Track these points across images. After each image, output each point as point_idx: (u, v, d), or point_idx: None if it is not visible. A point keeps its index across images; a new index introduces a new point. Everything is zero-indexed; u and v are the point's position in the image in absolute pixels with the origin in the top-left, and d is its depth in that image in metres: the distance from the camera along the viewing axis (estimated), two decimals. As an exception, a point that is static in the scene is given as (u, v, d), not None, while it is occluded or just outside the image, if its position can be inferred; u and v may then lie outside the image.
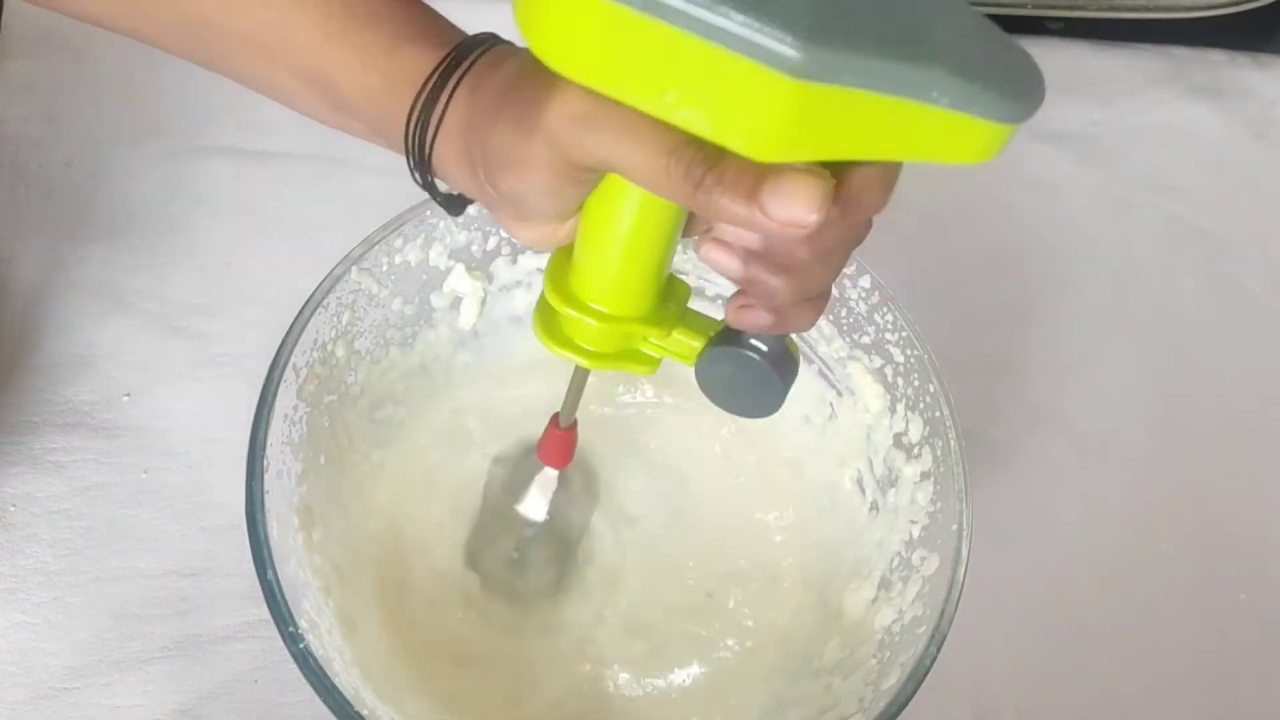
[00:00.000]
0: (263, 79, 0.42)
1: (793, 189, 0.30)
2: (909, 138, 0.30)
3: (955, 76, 0.29)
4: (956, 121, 0.29)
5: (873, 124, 0.29)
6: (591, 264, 0.39)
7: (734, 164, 0.31)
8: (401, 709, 0.50)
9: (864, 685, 0.50)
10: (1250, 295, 0.73)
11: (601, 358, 0.42)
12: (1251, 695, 0.60)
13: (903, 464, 0.54)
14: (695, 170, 0.32)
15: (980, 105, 0.29)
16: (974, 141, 0.30)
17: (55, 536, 0.58)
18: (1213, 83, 0.81)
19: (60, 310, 0.64)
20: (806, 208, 0.30)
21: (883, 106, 0.29)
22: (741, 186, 0.31)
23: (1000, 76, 0.29)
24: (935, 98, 0.29)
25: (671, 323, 0.41)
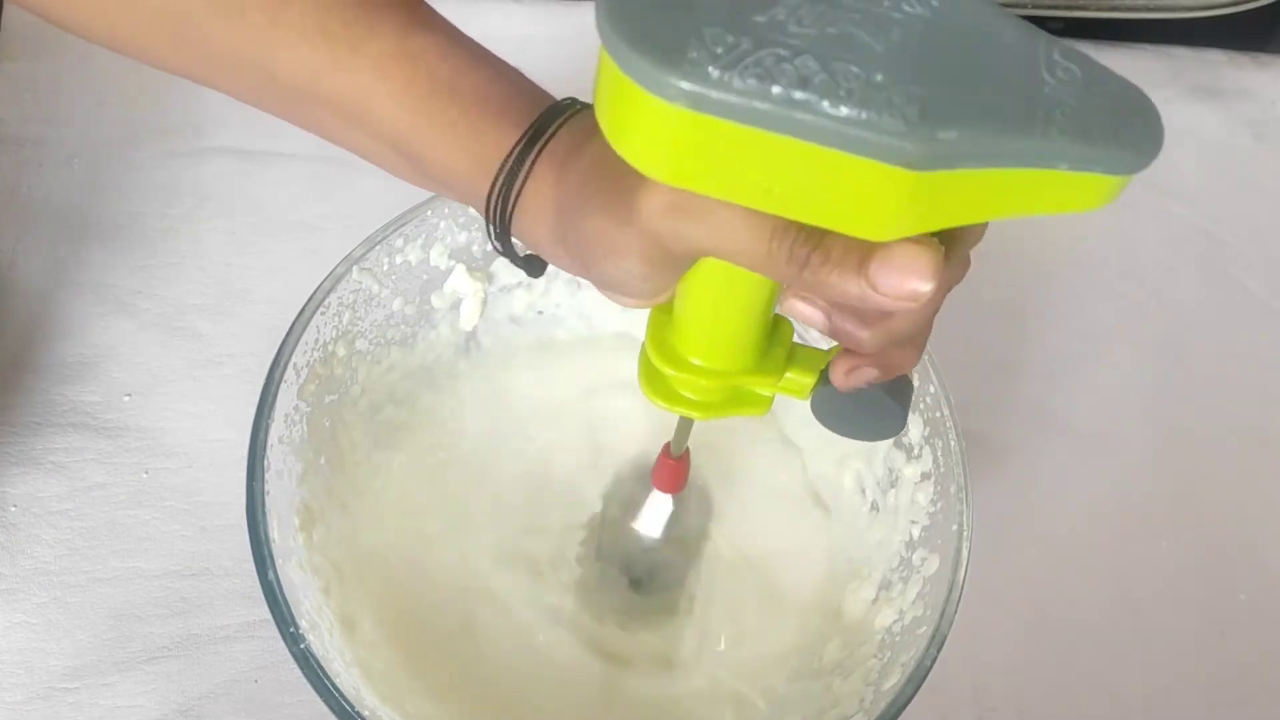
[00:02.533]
0: (350, 143, 0.42)
1: (904, 262, 0.30)
2: (1029, 198, 0.29)
3: (1075, 140, 0.27)
4: (1078, 180, 0.28)
5: (993, 192, 0.28)
6: (695, 326, 0.39)
7: (839, 240, 0.30)
8: (402, 709, 0.50)
9: (864, 685, 0.50)
10: (1250, 295, 0.73)
11: (712, 407, 0.42)
12: (1251, 695, 0.60)
13: (903, 464, 0.54)
14: (800, 251, 0.31)
15: (1103, 164, 0.28)
16: (1094, 193, 0.29)
17: (56, 537, 0.58)
18: (1213, 83, 0.81)
19: (61, 310, 0.64)
20: (920, 279, 0.30)
21: (1004, 177, 0.28)
22: (850, 263, 0.30)
23: (1117, 126, 0.28)
24: (1056, 164, 0.28)
25: (780, 368, 0.40)
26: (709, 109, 0.27)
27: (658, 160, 0.29)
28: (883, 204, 0.28)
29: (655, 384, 0.42)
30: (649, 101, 0.27)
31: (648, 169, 0.29)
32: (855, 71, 0.27)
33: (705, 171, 0.29)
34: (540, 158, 0.38)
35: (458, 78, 0.39)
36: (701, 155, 0.28)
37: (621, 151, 0.30)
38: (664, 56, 0.26)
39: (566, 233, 0.37)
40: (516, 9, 0.76)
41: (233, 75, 0.41)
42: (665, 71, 0.26)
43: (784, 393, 0.41)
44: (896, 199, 0.28)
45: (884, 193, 0.27)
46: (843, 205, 0.28)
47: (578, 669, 0.55)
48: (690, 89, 0.26)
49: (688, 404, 0.42)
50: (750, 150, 0.28)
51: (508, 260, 0.42)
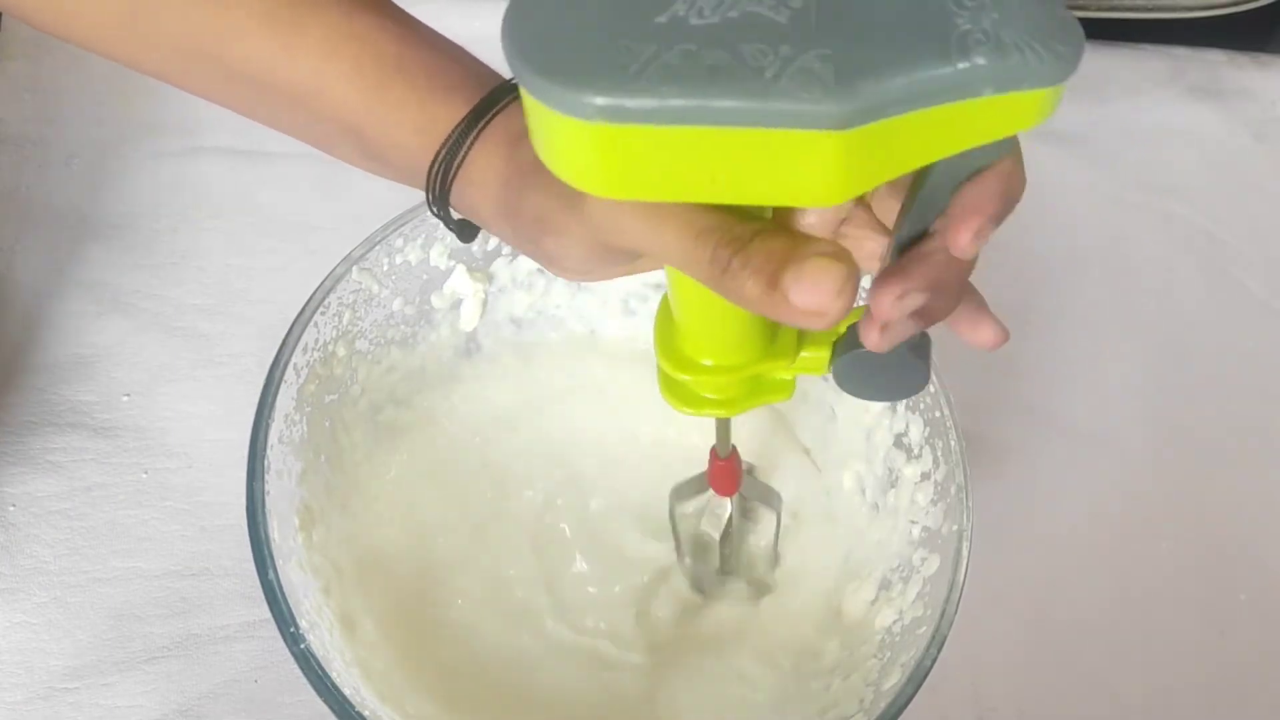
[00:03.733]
0: (301, 130, 0.42)
1: (814, 277, 0.30)
2: (962, 129, 0.29)
3: (994, 64, 0.27)
4: (1008, 100, 0.28)
5: (928, 134, 0.28)
6: (698, 327, 0.39)
7: (760, 248, 0.31)
8: (402, 709, 0.50)
9: (864, 686, 0.50)
10: (1250, 295, 0.73)
11: (737, 402, 0.42)
12: (1251, 695, 0.60)
13: (903, 464, 0.54)
14: (721, 253, 0.31)
15: (1028, 78, 0.28)
16: (1027, 110, 0.29)
17: (55, 537, 0.58)
18: (1213, 83, 0.81)
19: (60, 310, 0.64)
20: (829, 296, 0.30)
21: (929, 115, 0.28)
22: (766, 270, 0.30)
23: (1034, 40, 0.28)
24: (981, 90, 0.28)
25: (793, 349, 0.40)
26: (627, 119, 0.27)
27: (591, 177, 0.29)
28: (822, 169, 0.28)
29: (676, 391, 0.42)
30: (567, 123, 0.27)
31: (584, 187, 0.29)
32: (763, 49, 0.27)
33: (640, 178, 0.29)
34: (490, 131, 0.38)
35: (406, 57, 0.40)
36: (632, 164, 0.28)
37: (556, 173, 0.30)
38: (572, 77, 0.27)
39: (511, 206, 0.38)
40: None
41: (188, 68, 0.41)
42: (576, 91, 0.26)
43: (803, 371, 0.41)
44: (834, 162, 0.27)
45: (820, 158, 0.27)
46: (784, 180, 0.28)
47: (578, 668, 0.55)
48: (605, 104, 0.26)
49: (712, 405, 0.42)
50: (679, 148, 0.28)
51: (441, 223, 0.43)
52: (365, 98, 0.39)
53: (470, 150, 0.39)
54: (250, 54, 0.39)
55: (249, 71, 0.40)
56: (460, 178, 0.39)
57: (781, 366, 0.41)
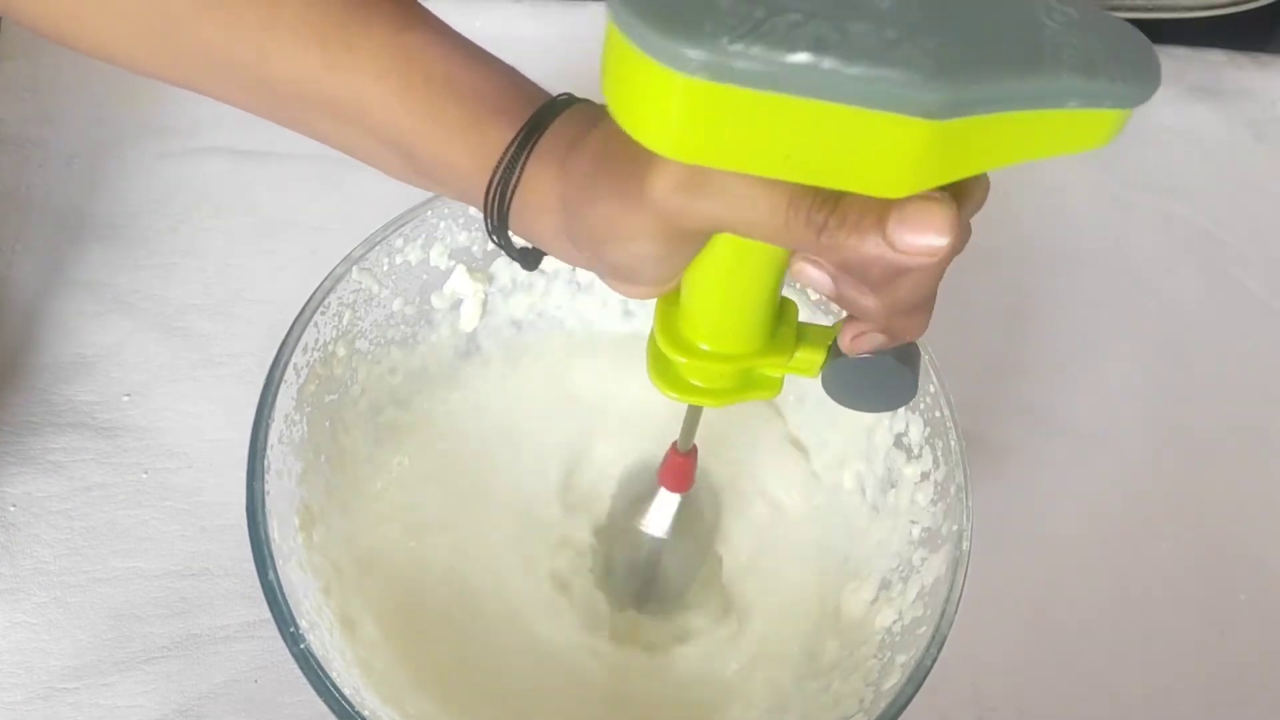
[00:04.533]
0: (344, 143, 0.41)
1: (919, 218, 0.30)
2: (1039, 139, 0.30)
3: (1082, 76, 0.28)
4: (1086, 116, 0.29)
5: (1005, 137, 0.29)
6: (704, 310, 0.39)
7: (854, 202, 0.31)
8: (402, 709, 0.50)
9: (864, 686, 0.50)
10: (1250, 295, 0.73)
11: (723, 394, 0.42)
12: (1251, 695, 0.60)
13: (903, 464, 0.54)
14: (817, 216, 0.31)
15: (1110, 97, 0.29)
16: (1100, 128, 0.30)
17: (55, 537, 0.58)
18: (1213, 83, 0.81)
19: (61, 310, 0.64)
20: (937, 233, 0.30)
21: (1015, 121, 0.29)
22: (866, 223, 0.31)
23: (1118, 60, 0.29)
24: (1066, 101, 0.29)
25: (790, 348, 0.40)
26: (728, 78, 0.27)
27: (672, 137, 0.29)
28: (900, 158, 0.28)
29: (665, 375, 0.42)
30: (665, 76, 0.27)
31: (661, 147, 0.29)
32: (868, 29, 0.27)
33: (720, 145, 0.29)
34: (540, 152, 0.38)
35: (454, 74, 0.39)
36: (717, 128, 0.28)
37: (633, 131, 0.29)
38: (680, 29, 0.26)
39: (573, 223, 0.37)
40: (516, 9, 0.76)
41: (225, 79, 0.40)
42: (683, 44, 0.26)
43: (794, 372, 0.41)
44: (914, 151, 0.28)
45: (902, 146, 0.28)
46: (860, 164, 0.29)
47: (579, 668, 0.55)
48: (709, 59, 0.26)
49: (699, 393, 0.42)
50: (767, 117, 0.28)
51: (505, 255, 0.42)
52: (414, 117, 0.39)
53: (524, 170, 0.38)
54: (294, 71, 0.39)
55: (291, 88, 0.39)
56: (516, 200, 0.39)
57: (776, 364, 0.41)
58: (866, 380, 0.40)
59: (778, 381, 0.42)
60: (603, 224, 0.35)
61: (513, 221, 0.40)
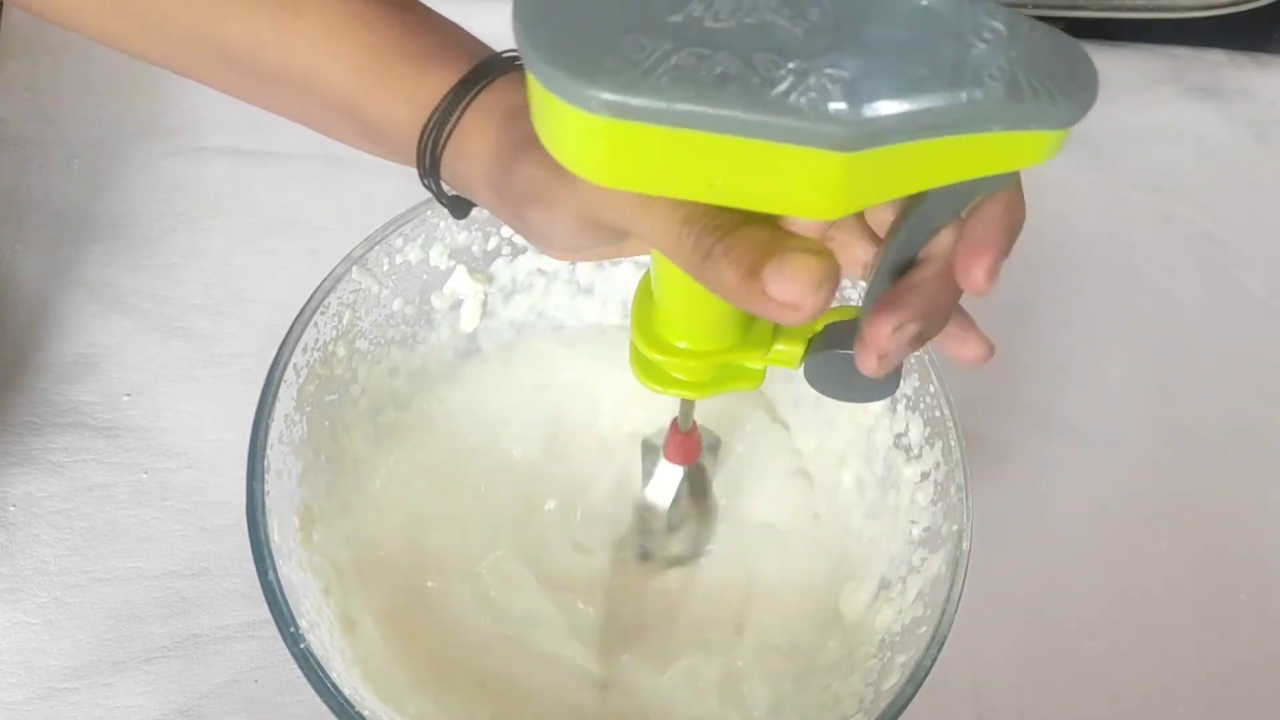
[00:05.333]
0: (295, 111, 0.42)
1: (793, 271, 0.30)
2: (967, 161, 0.29)
3: (1005, 102, 0.27)
4: (1014, 139, 0.28)
5: (932, 161, 0.29)
6: (676, 309, 0.39)
7: (744, 238, 0.31)
8: (402, 709, 0.50)
9: (864, 686, 0.50)
10: (1250, 295, 0.73)
11: (705, 386, 0.42)
12: (1251, 695, 0.60)
13: (903, 464, 0.54)
14: (705, 240, 0.31)
15: (1037, 120, 0.28)
16: (1033, 149, 0.29)
17: (55, 537, 0.58)
18: (1213, 83, 0.81)
19: (61, 310, 0.64)
20: (807, 290, 0.30)
21: (936, 145, 0.28)
22: (747, 261, 0.30)
23: (1050, 81, 0.28)
24: (990, 126, 0.28)
25: (768, 339, 0.40)
26: (631, 116, 0.27)
27: (592, 167, 0.29)
28: (822, 186, 0.28)
29: (647, 369, 0.42)
30: (573, 113, 0.27)
31: (584, 174, 0.30)
32: (775, 60, 0.27)
33: (640, 173, 0.29)
34: (485, 104, 0.38)
35: (404, 36, 0.40)
36: (633, 158, 0.28)
37: (558, 159, 0.30)
38: (581, 69, 0.27)
39: (500, 177, 0.38)
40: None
41: (186, 52, 0.41)
42: (584, 84, 0.27)
43: (774, 364, 0.41)
44: (834, 180, 0.28)
45: (820, 176, 0.28)
46: (783, 191, 0.29)
47: (579, 669, 0.55)
48: (610, 99, 0.27)
49: (681, 385, 0.42)
50: (681, 149, 0.28)
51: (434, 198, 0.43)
52: (361, 77, 0.40)
53: (462, 119, 0.39)
54: (244, 36, 0.40)
55: (242, 54, 0.40)
56: (451, 149, 0.39)
57: (754, 357, 0.41)
58: (848, 373, 0.40)
59: (760, 373, 0.42)
60: (529, 186, 0.36)
61: (447, 169, 0.40)
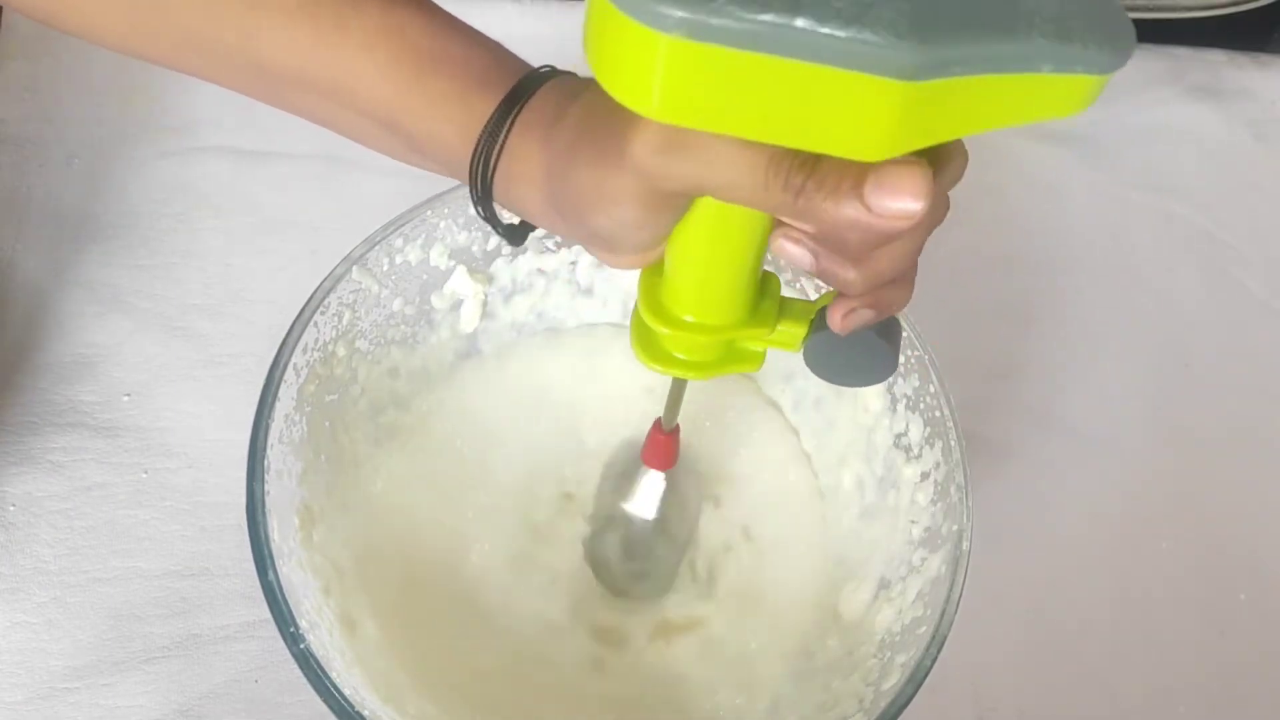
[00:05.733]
0: (335, 121, 0.42)
1: (895, 181, 0.30)
2: (1014, 105, 0.30)
3: (1056, 41, 0.28)
4: (1060, 82, 0.29)
5: (980, 101, 0.29)
6: (686, 280, 0.39)
7: (833, 166, 0.31)
8: (402, 709, 0.50)
9: (864, 686, 0.50)
10: (1250, 295, 0.73)
11: (706, 366, 0.42)
12: (1251, 695, 0.60)
13: (903, 464, 0.54)
14: (795, 179, 0.31)
15: (1084, 63, 0.29)
16: (1075, 95, 0.30)
17: (55, 536, 0.58)
18: (1213, 83, 0.81)
19: (61, 310, 0.64)
20: (913, 197, 0.30)
21: (990, 85, 0.29)
22: (844, 187, 0.31)
23: (1093, 26, 0.29)
24: (1040, 66, 0.29)
25: (772, 320, 0.41)
26: (706, 36, 0.27)
27: (652, 97, 0.29)
28: (876, 120, 0.28)
29: (649, 348, 0.42)
30: (643, 34, 0.28)
31: (642, 107, 0.30)
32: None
33: (699, 105, 0.29)
34: (524, 123, 0.38)
35: (442, 50, 0.40)
36: (696, 87, 0.29)
37: (614, 91, 0.30)
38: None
39: (557, 192, 0.37)
40: (516, 9, 0.76)
41: (214, 62, 0.41)
42: (661, 2, 0.27)
43: (776, 346, 0.42)
44: (889, 113, 0.28)
45: (877, 107, 0.28)
46: (836, 126, 0.29)
47: (580, 670, 0.55)
48: (686, 16, 0.27)
49: (682, 365, 0.42)
50: (745, 77, 0.28)
51: (492, 230, 0.43)
52: (402, 92, 0.39)
53: (508, 140, 0.38)
54: (284, 50, 0.39)
55: (281, 67, 0.40)
56: (502, 173, 0.39)
57: (758, 336, 0.41)
58: (847, 355, 0.40)
59: (760, 355, 0.42)
60: (585, 190, 0.36)
61: (499, 194, 0.40)
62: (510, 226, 0.43)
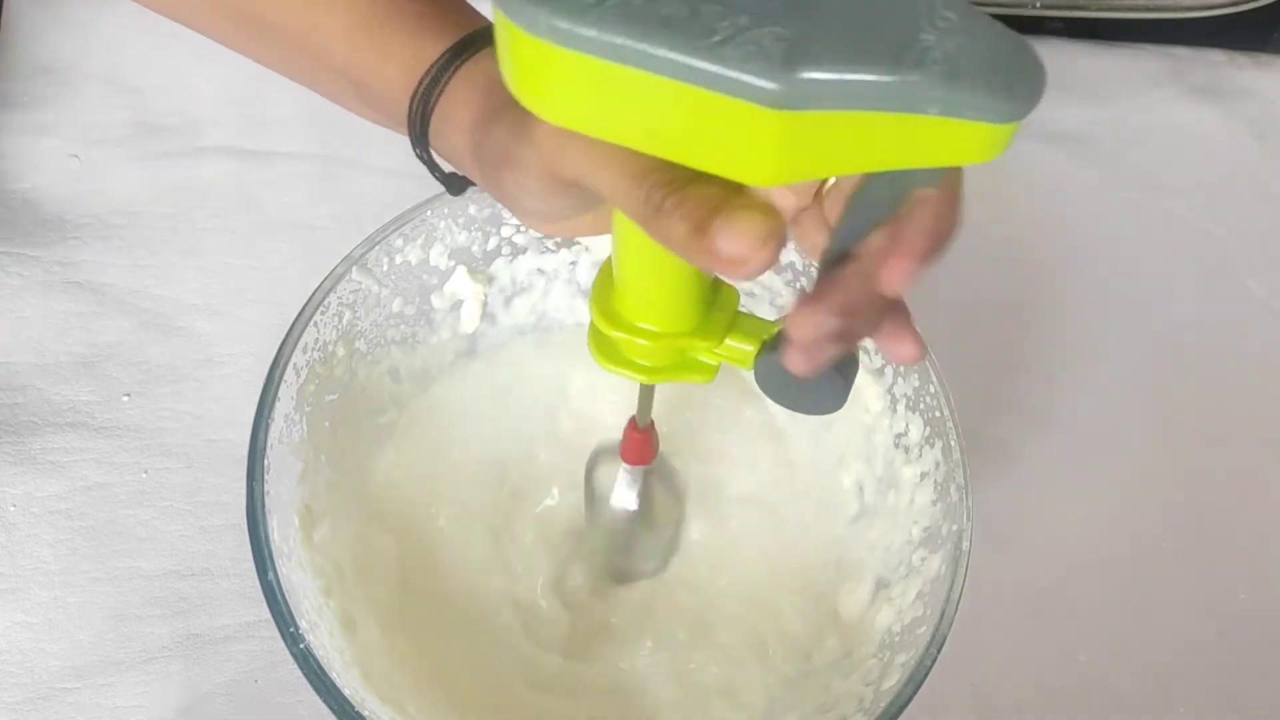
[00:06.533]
0: (305, 75, 0.44)
1: (741, 226, 0.30)
2: (907, 147, 0.29)
3: (941, 84, 0.27)
4: (952, 126, 0.28)
5: (867, 139, 0.29)
6: (632, 285, 0.39)
7: (696, 194, 0.31)
8: (402, 709, 0.50)
9: (864, 686, 0.50)
10: (1250, 295, 0.73)
11: (658, 372, 0.42)
12: (1251, 694, 0.60)
13: (903, 464, 0.54)
14: (656, 194, 0.31)
15: (973, 109, 0.28)
16: (974, 143, 0.29)
17: (55, 536, 0.58)
18: (1213, 83, 0.81)
19: (61, 310, 0.64)
20: (753, 245, 0.30)
21: (873, 122, 0.28)
22: (697, 216, 0.30)
23: (993, 74, 0.27)
24: (926, 108, 0.28)
25: (721, 332, 0.41)
26: (575, 45, 0.28)
27: (540, 100, 0.30)
28: (755, 145, 0.28)
29: (603, 348, 0.42)
30: (524, 39, 0.28)
31: (534, 108, 0.31)
32: (721, 12, 0.27)
33: (583, 111, 0.30)
34: (468, 71, 0.39)
35: (401, 2, 0.41)
36: (577, 93, 0.29)
37: (510, 88, 0.31)
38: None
39: (480, 143, 0.38)
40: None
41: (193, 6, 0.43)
42: (534, 8, 0.28)
43: (727, 360, 0.42)
44: (767, 140, 0.28)
45: (754, 133, 0.28)
46: (718, 147, 0.29)
47: (578, 668, 0.55)
48: (556, 25, 0.27)
49: (635, 367, 0.42)
50: (623, 89, 0.28)
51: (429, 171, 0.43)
52: (358, 41, 0.41)
53: (449, 86, 0.39)
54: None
55: (242, 8, 0.42)
56: (438, 118, 0.40)
57: (707, 348, 0.41)
58: (798, 382, 0.40)
59: (712, 368, 0.42)
60: (502, 148, 0.37)
61: (436, 139, 0.41)
62: (450, 175, 0.44)
